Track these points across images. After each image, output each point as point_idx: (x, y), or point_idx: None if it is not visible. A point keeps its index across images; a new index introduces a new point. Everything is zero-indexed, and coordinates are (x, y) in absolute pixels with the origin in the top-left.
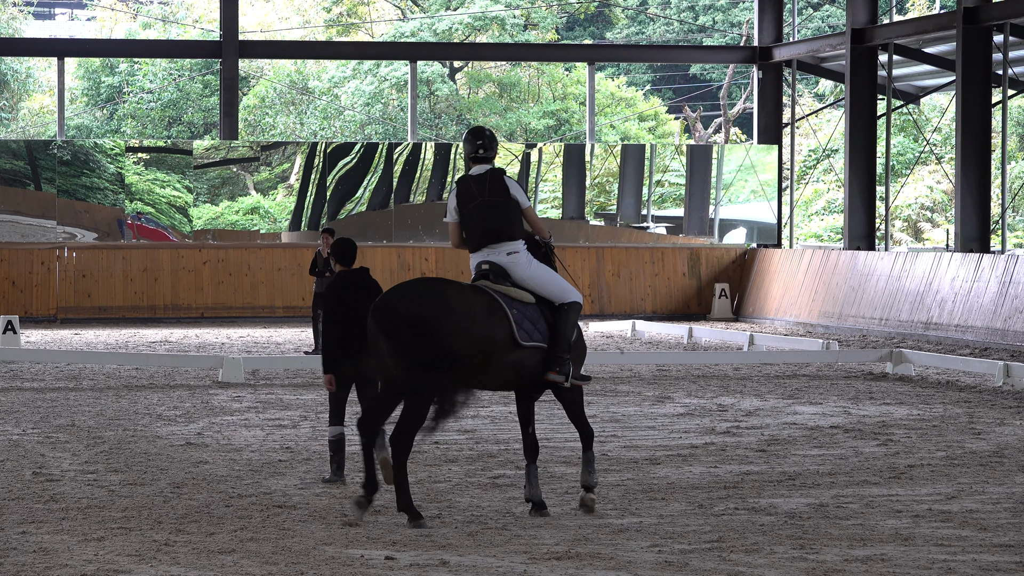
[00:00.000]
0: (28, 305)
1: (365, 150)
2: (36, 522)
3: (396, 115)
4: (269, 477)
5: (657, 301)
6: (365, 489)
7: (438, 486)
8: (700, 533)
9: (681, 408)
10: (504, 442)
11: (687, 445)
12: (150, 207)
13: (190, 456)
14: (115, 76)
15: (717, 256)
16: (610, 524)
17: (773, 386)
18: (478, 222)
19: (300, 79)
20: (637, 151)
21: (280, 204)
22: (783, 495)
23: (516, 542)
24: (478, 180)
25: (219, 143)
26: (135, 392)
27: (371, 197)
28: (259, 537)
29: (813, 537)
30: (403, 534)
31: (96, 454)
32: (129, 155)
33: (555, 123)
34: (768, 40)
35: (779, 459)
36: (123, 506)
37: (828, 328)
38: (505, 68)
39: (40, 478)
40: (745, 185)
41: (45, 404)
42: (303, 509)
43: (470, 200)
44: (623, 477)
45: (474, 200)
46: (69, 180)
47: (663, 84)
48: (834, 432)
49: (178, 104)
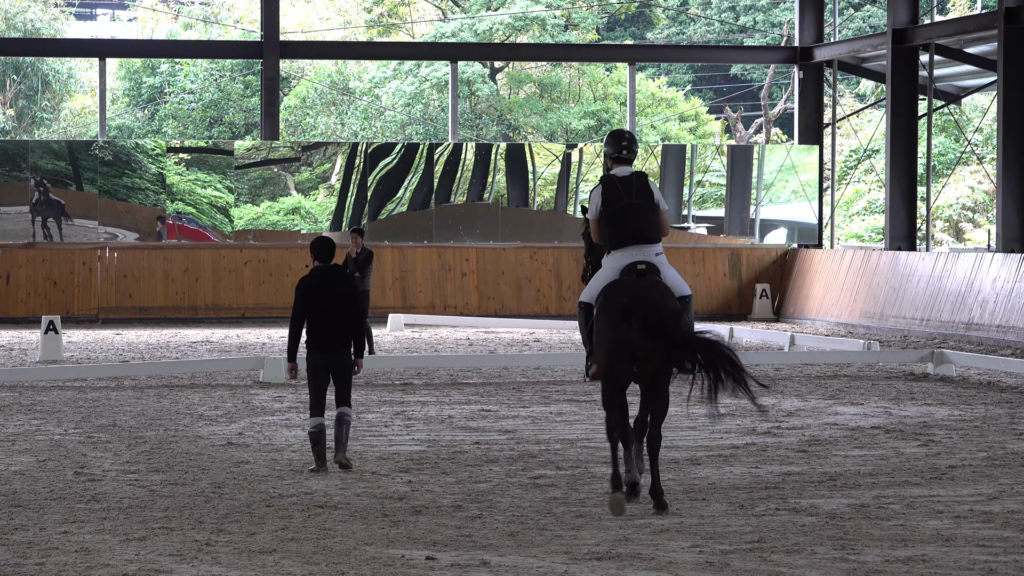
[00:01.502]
0: (70, 305)
1: (406, 150)
2: (78, 522)
3: (437, 115)
4: (310, 477)
5: (698, 301)
6: (628, 487)
7: (479, 486)
8: (741, 534)
9: (722, 408)
10: (545, 442)
11: (728, 445)
12: (191, 207)
13: (231, 456)
14: (156, 77)
15: (758, 256)
16: (651, 524)
17: (814, 386)
18: (625, 223)
19: (341, 79)
20: (678, 151)
21: (321, 204)
22: (824, 496)
23: (557, 542)
24: (624, 182)
25: (260, 143)
26: (176, 392)
27: (412, 197)
28: (300, 537)
29: (854, 538)
30: (444, 534)
31: (137, 454)
32: (170, 155)
33: (596, 123)
34: (809, 40)
35: (820, 460)
36: (164, 506)
37: (869, 328)
38: (546, 68)
39: (82, 478)
40: (786, 185)
41: (87, 404)
42: (344, 509)
43: (616, 200)
44: (664, 477)
45: (620, 201)
46: (110, 180)
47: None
48: (875, 433)
49: (219, 104)
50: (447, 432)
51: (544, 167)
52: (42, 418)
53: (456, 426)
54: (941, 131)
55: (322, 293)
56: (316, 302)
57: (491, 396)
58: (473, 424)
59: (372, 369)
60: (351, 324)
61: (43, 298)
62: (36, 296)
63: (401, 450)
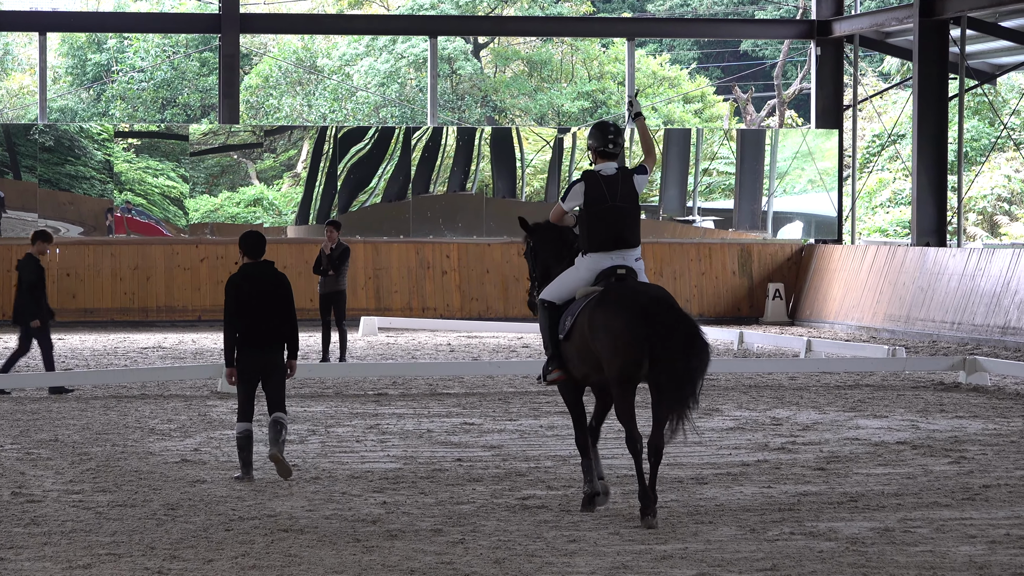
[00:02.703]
0: (6, 306)
1: (380, 135)
2: (15, 547)
3: (414, 96)
4: (273, 498)
5: (704, 302)
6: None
7: (461, 508)
8: (752, 560)
9: (731, 422)
10: (534, 459)
11: (737, 463)
12: (142, 198)
13: (186, 475)
14: (103, 53)
15: (771, 253)
16: (652, 550)
17: (833, 397)
18: (608, 225)
19: (308, 57)
20: (682, 136)
21: (286, 195)
22: (844, 518)
23: (547, 570)
24: (609, 180)
25: (218, 127)
26: (125, 403)
27: (387, 187)
28: (263, 564)
29: (878, 565)
30: (422, 561)
31: (82, 472)
32: (118, 141)
33: (591, 105)
34: (827, 13)
35: (840, 478)
36: (112, 530)
37: (894, 333)
38: (535, 44)
39: (20, 499)
40: (802, 174)
41: (25, 416)
42: (311, 533)
43: (600, 201)
44: (666, 498)
45: (604, 202)
46: (52, 168)
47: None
48: (901, 448)
49: (173, 84)
50: (426, 448)
51: (533, 153)
52: None
53: (436, 441)
54: (974, 114)
55: (252, 291)
56: (246, 301)
57: (475, 408)
58: (455, 439)
59: (343, 378)
60: (284, 323)
61: None
62: None
63: (375, 468)
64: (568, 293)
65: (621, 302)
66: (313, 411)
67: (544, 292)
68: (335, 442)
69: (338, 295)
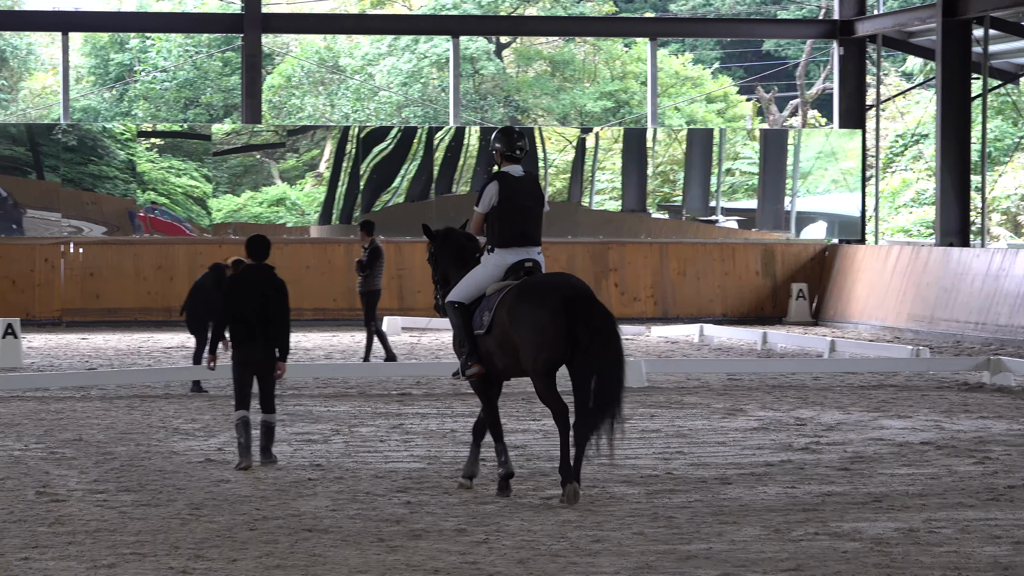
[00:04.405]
0: (30, 307)
1: (402, 135)
2: (40, 547)
3: (437, 96)
4: (297, 497)
5: (727, 303)
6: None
7: (485, 508)
8: (776, 560)
9: (755, 422)
10: (558, 459)
11: (761, 463)
12: (165, 198)
13: (210, 474)
14: (125, 53)
15: (794, 253)
16: (676, 550)
17: (857, 397)
18: (517, 223)
19: (330, 56)
20: (704, 136)
21: (308, 195)
22: (868, 519)
23: (571, 570)
24: (519, 181)
25: (241, 127)
26: (149, 403)
27: (409, 187)
28: (287, 564)
29: (902, 566)
30: (446, 561)
31: (106, 472)
32: (141, 140)
33: (613, 105)
34: (850, 13)
35: (864, 479)
36: (136, 529)
37: (918, 333)
38: (558, 44)
39: (44, 498)
40: (825, 174)
41: (50, 416)
42: (335, 533)
43: (511, 199)
44: (690, 498)
45: (515, 200)
46: (75, 168)
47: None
48: (925, 449)
49: (195, 84)
50: (449, 448)
51: (556, 153)
52: (0, 432)
53: (459, 441)
54: (997, 113)
55: (249, 291)
56: (243, 300)
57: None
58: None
59: (366, 378)
60: (276, 325)
61: (0, 299)
62: None
63: (399, 467)
64: (477, 291)
65: (543, 294)
66: (337, 411)
67: (452, 294)
68: (359, 442)
69: (368, 295)
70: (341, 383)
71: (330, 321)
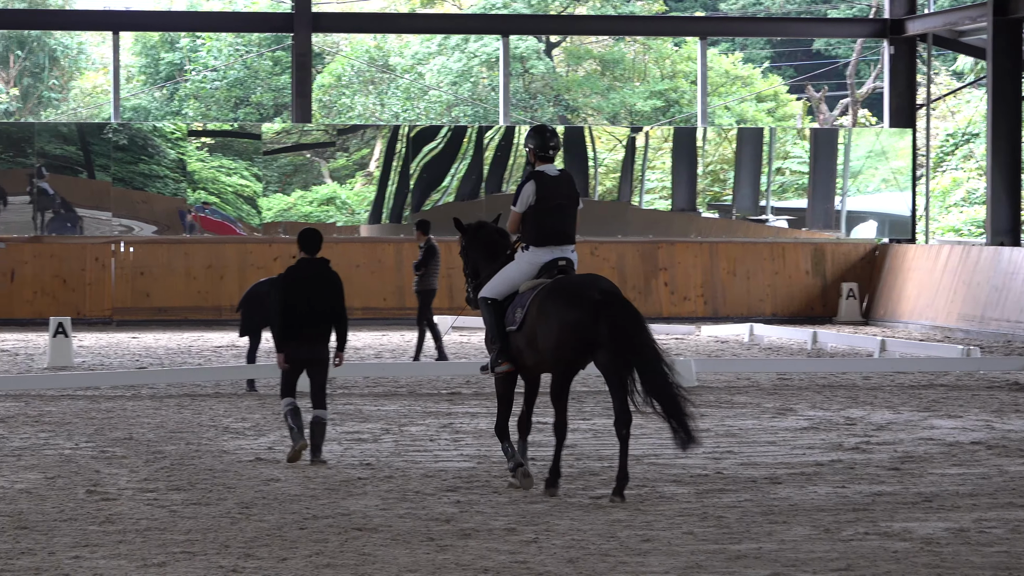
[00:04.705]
0: (80, 305)
1: (452, 134)
2: (91, 545)
3: (487, 95)
4: (347, 496)
5: (777, 302)
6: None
7: (534, 507)
8: (826, 560)
9: (805, 421)
10: (608, 459)
11: (811, 463)
12: (215, 197)
13: (260, 473)
14: (176, 52)
15: (844, 252)
16: (726, 550)
17: (907, 397)
18: (553, 222)
19: (380, 56)
20: (754, 135)
21: (358, 194)
22: (918, 519)
23: (621, 569)
24: (554, 180)
25: (291, 126)
26: (199, 402)
27: (459, 186)
28: (336, 563)
29: (952, 566)
30: (496, 560)
31: (156, 470)
32: (192, 139)
33: (663, 104)
34: (900, 12)
35: (914, 478)
36: (186, 528)
37: (968, 333)
38: (608, 43)
39: (95, 497)
40: (875, 173)
41: (100, 415)
42: (385, 532)
43: (548, 199)
44: (740, 498)
45: (551, 200)
46: (125, 167)
47: (783, 61)
48: (975, 449)
49: (246, 83)
50: (499, 447)
51: (606, 153)
52: (51, 431)
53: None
54: None
55: (303, 285)
56: (297, 293)
57: (548, 407)
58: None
59: (416, 377)
60: (331, 318)
61: (51, 298)
62: (43, 295)
63: (448, 467)
64: (510, 288)
65: (573, 294)
66: (387, 410)
67: (485, 289)
68: (408, 441)
69: (422, 294)
70: (391, 382)
71: (380, 320)
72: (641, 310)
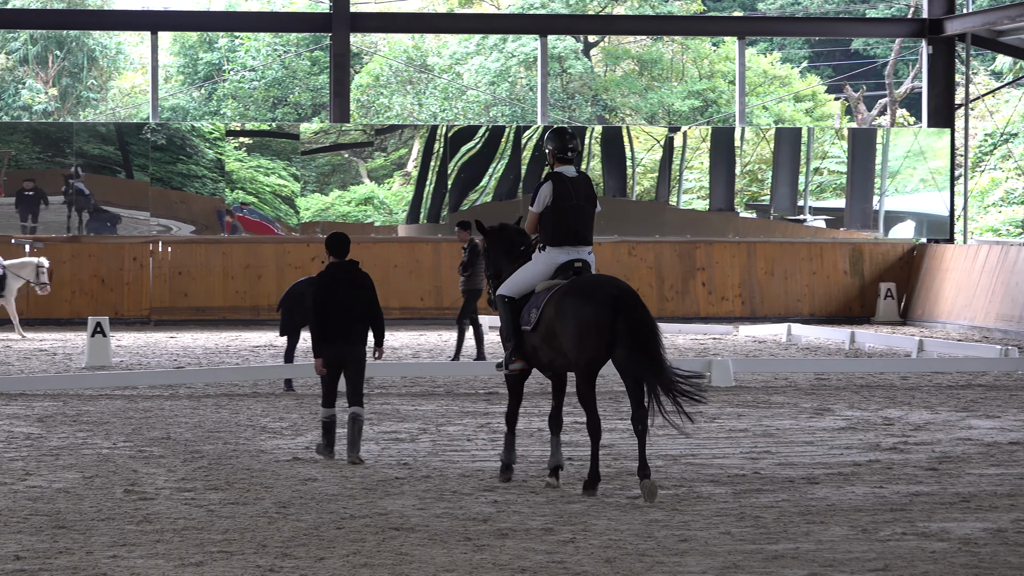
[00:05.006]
0: (119, 305)
1: (490, 134)
2: (128, 545)
3: (524, 95)
4: (384, 496)
5: (815, 302)
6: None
7: (571, 507)
8: (863, 560)
9: (842, 421)
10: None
11: (849, 463)
12: (253, 197)
13: (297, 473)
14: (214, 52)
15: (882, 252)
16: (763, 550)
17: (945, 397)
18: (570, 222)
19: (418, 55)
20: (792, 135)
21: (396, 194)
22: (956, 519)
23: (658, 569)
24: (573, 182)
25: (329, 126)
26: (237, 401)
27: (497, 186)
28: (374, 563)
29: (990, 566)
30: (533, 560)
31: (194, 470)
32: (230, 139)
33: (701, 104)
34: (939, 11)
35: (952, 479)
36: (224, 528)
37: (1007, 333)
38: (645, 43)
39: (132, 496)
40: (913, 173)
41: (138, 414)
42: (422, 532)
43: (565, 199)
44: (777, 498)
45: (569, 200)
46: (164, 167)
47: (821, 61)
48: (1014, 449)
49: (284, 83)
50: (536, 447)
51: (644, 152)
52: (89, 430)
53: (546, 440)
54: None
55: (337, 289)
56: (332, 298)
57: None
58: (565, 438)
59: (453, 377)
60: (367, 318)
61: (89, 297)
62: (82, 295)
63: (485, 467)
64: (526, 287)
65: (589, 294)
66: (424, 410)
67: (502, 288)
68: (446, 441)
69: (470, 293)
70: (428, 382)
71: (418, 320)
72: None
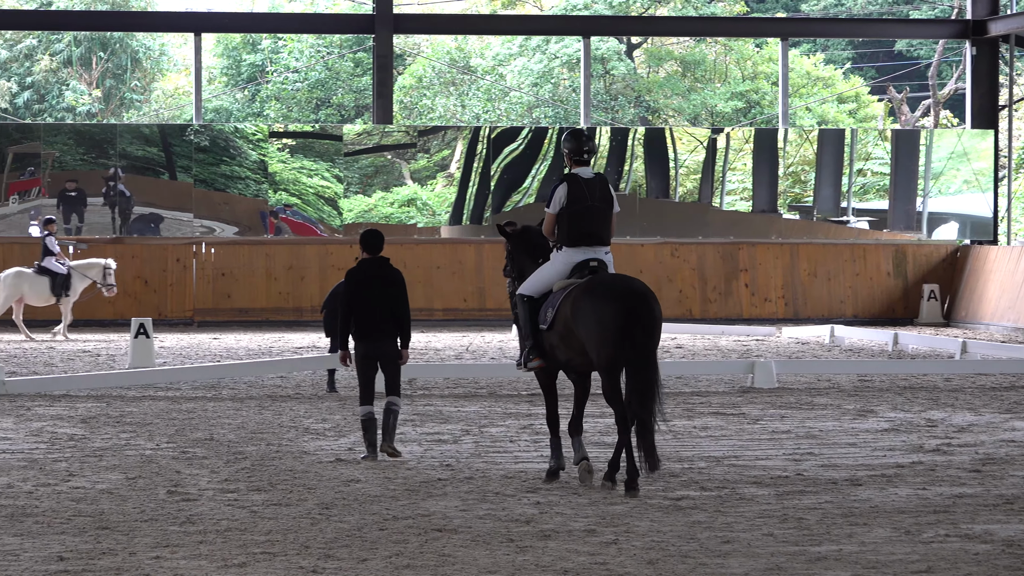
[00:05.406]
0: (162, 306)
1: (533, 135)
2: (171, 546)
3: (567, 96)
4: (427, 498)
5: (858, 304)
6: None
7: (614, 508)
8: (907, 563)
9: (886, 423)
10: (687, 460)
11: (892, 464)
12: (296, 198)
13: (340, 474)
14: (257, 54)
15: (925, 254)
16: (806, 552)
17: (989, 399)
18: (584, 223)
19: (461, 57)
20: (836, 136)
21: (439, 195)
22: (1000, 521)
23: (701, 571)
24: (589, 183)
25: (372, 128)
26: (280, 403)
27: (540, 187)
28: (416, 564)
29: None
30: (575, 561)
31: (237, 471)
32: (273, 141)
33: (744, 105)
34: (982, 12)
35: (995, 480)
36: (266, 529)
37: None
38: (688, 44)
39: (175, 497)
40: (957, 175)
41: (181, 415)
42: (465, 533)
43: (580, 200)
44: (820, 500)
45: (584, 202)
46: (207, 168)
47: (865, 62)
48: None
49: (327, 85)
50: None
51: (687, 154)
52: (132, 431)
53: (589, 441)
54: None
55: (366, 284)
56: (361, 293)
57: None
58: (608, 439)
59: (497, 378)
60: (396, 316)
61: (133, 298)
62: (125, 296)
63: (528, 468)
64: (545, 286)
65: (605, 292)
66: (467, 411)
67: (522, 287)
68: (489, 442)
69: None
70: (471, 383)
71: (460, 321)
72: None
